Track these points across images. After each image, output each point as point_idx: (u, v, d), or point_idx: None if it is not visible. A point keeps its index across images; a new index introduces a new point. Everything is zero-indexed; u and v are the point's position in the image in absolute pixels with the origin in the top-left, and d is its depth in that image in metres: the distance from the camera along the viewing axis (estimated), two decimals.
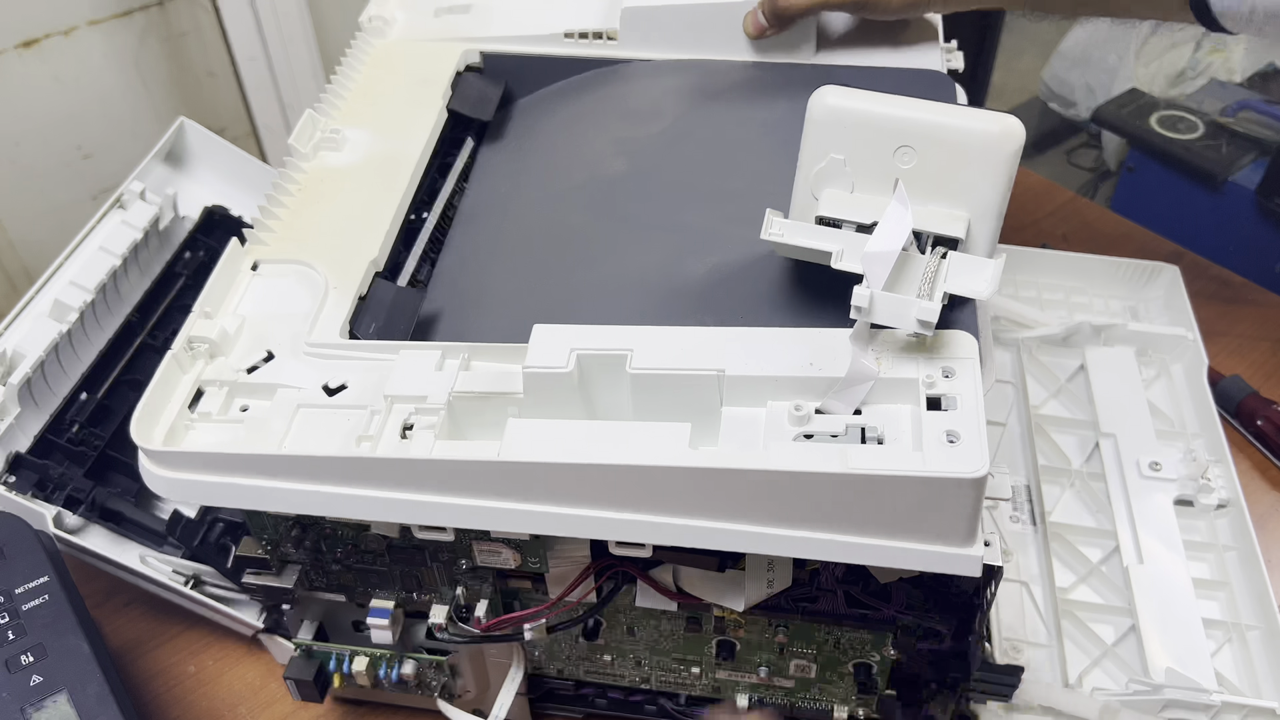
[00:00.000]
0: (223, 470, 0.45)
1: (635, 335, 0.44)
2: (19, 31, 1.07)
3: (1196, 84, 1.47)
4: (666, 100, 0.65)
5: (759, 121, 0.62)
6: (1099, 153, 1.58)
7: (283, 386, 0.47)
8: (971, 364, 0.42)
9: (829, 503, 0.40)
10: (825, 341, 0.44)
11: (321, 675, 0.55)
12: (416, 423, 0.44)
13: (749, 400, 0.44)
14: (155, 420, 0.46)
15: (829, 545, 0.41)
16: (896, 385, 0.42)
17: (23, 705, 0.48)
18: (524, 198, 0.61)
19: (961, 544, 0.41)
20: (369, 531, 0.49)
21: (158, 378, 0.47)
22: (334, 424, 0.46)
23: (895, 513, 0.40)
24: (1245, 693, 0.60)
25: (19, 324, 0.63)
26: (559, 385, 0.44)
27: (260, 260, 0.54)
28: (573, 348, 0.44)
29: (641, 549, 0.45)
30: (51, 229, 1.24)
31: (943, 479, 0.38)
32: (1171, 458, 0.70)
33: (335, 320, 0.50)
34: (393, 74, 0.67)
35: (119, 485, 0.63)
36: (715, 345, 0.44)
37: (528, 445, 0.42)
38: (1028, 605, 0.65)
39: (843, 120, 0.44)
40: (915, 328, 0.41)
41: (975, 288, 0.42)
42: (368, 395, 0.46)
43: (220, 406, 0.47)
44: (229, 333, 0.50)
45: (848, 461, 0.40)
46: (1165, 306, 0.84)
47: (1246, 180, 1.23)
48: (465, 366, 0.46)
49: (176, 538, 0.59)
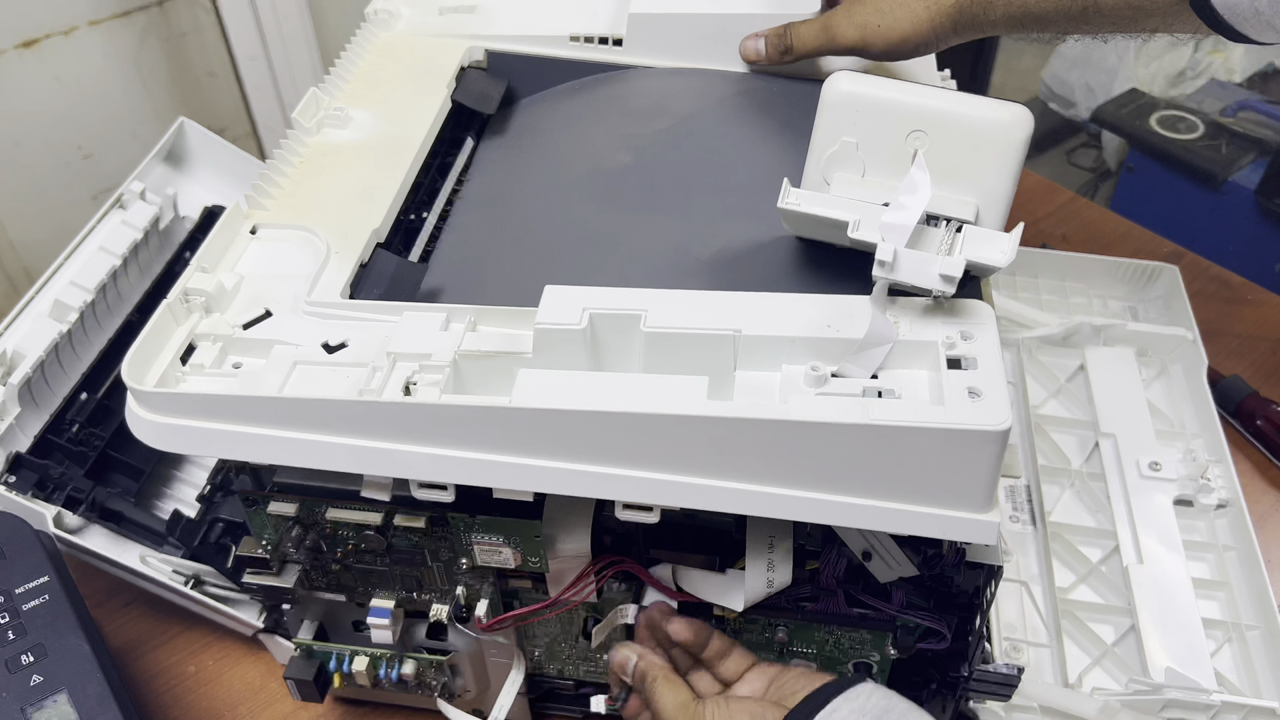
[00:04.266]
0: (216, 416, 0.43)
1: (649, 296, 0.44)
2: (19, 31, 1.07)
3: (1196, 84, 1.47)
4: (671, 103, 0.65)
5: (762, 126, 0.62)
6: (1099, 153, 1.58)
7: (279, 343, 0.46)
8: (990, 328, 0.42)
9: (847, 459, 0.39)
10: (843, 305, 0.43)
11: (321, 675, 0.55)
12: (420, 380, 0.43)
13: (764, 364, 0.43)
14: (147, 367, 0.45)
15: (843, 509, 0.41)
16: (914, 349, 0.42)
17: (23, 705, 0.48)
18: (526, 186, 0.61)
19: (979, 509, 0.40)
20: (369, 532, 0.49)
21: (151, 325, 0.46)
22: (333, 379, 0.44)
23: (914, 471, 0.39)
24: (1245, 693, 0.60)
25: (19, 324, 0.63)
26: (570, 344, 0.43)
27: (260, 225, 0.53)
28: (585, 307, 0.43)
29: (649, 513, 0.44)
30: (51, 229, 1.24)
31: (966, 431, 0.38)
32: (1171, 458, 0.70)
33: (336, 282, 0.49)
34: (397, 63, 0.66)
35: (119, 485, 0.63)
36: (730, 307, 0.43)
37: (540, 393, 0.41)
38: (1028, 605, 0.65)
39: (856, 104, 0.44)
40: (938, 284, 0.41)
41: (993, 256, 0.42)
42: (369, 354, 0.45)
43: (213, 360, 0.46)
44: (226, 288, 0.48)
45: (869, 413, 0.39)
46: (1165, 306, 0.84)
47: (1246, 180, 1.23)
48: (471, 329, 0.45)
49: (176, 538, 0.59)
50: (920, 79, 0.66)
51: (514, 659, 0.56)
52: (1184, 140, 1.29)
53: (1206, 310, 0.83)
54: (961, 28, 0.60)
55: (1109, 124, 1.41)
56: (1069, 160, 1.62)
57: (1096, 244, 0.94)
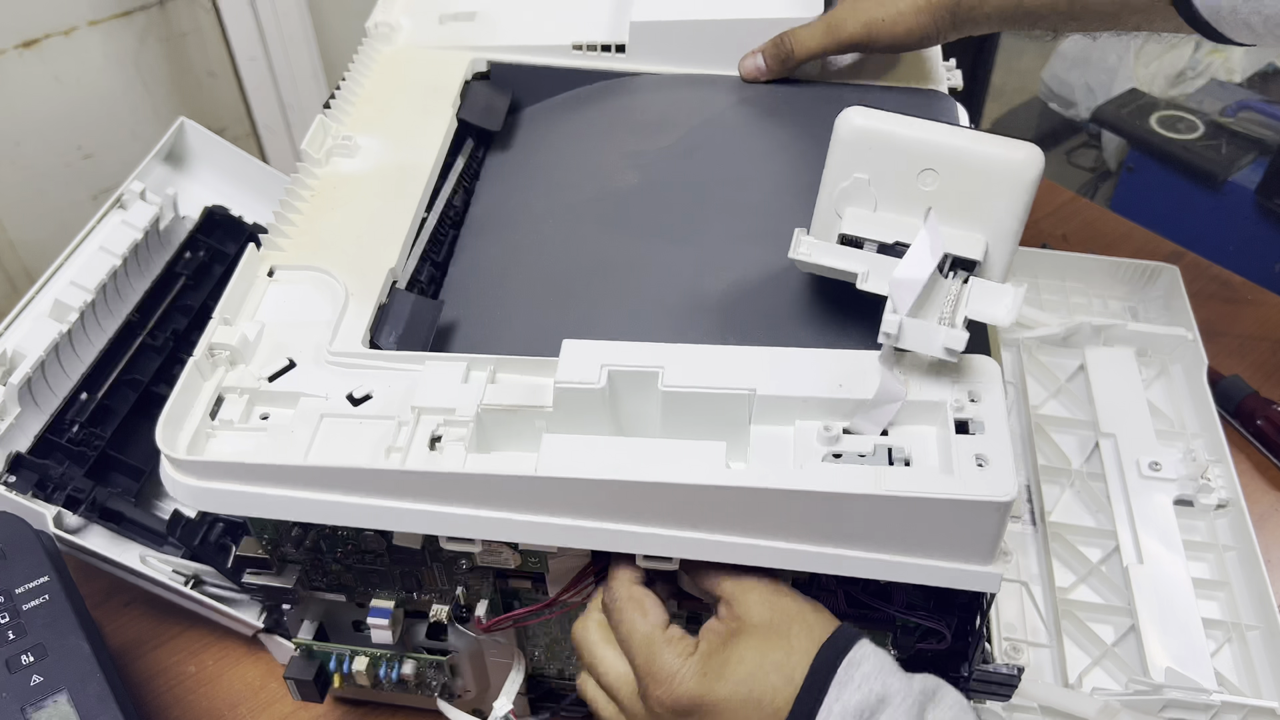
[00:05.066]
0: (250, 480, 0.45)
1: (666, 352, 0.45)
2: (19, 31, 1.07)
3: (1196, 84, 1.47)
4: (676, 113, 0.65)
5: (769, 137, 0.62)
6: (1099, 153, 1.58)
7: (305, 395, 0.47)
8: (995, 388, 0.44)
9: (859, 522, 0.41)
10: (853, 363, 0.45)
11: (321, 675, 0.55)
12: (445, 434, 0.44)
13: (777, 419, 0.44)
14: (179, 428, 0.46)
15: (854, 562, 0.42)
16: (923, 408, 0.43)
17: (23, 705, 0.48)
18: (534, 209, 0.61)
19: (984, 562, 0.42)
20: (369, 532, 0.49)
21: (180, 385, 0.47)
22: (360, 434, 0.46)
23: (923, 532, 0.41)
24: (1245, 693, 0.60)
25: (19, 324, 0.63)
26: (590, 400, 0.44)
27: (277, 266, 0.54)
28: (603, 364, 0.44)
29: (669, 563, 0.46)
30: (51, 229, 1.24)
31: (975, 502, 0.40)
32: (1171, 458, 0.70)
33: (356, 329, 0.50)
34: (402, 81, 0.67)
35: (119, 485, 0.63)
36: (745, 364, 0.45)
37: (564, 461, 0.43)
38: (1028, 605, 0.65)
39: (869, 141, 0.45)
40: (942, 355, 0.42)
41: (995, 314, 0.43)
42: (394, 406, 0.46)
43: (241, 414, 0.47)
44: (249, 339, 0.49)
45: (881, 483, 0.41)
46: (1165, 306, 0.84)
47: (1246, 180, 1.23)
48: (492, 379, 0.47)
49: (176, 538, 0.59)
50: (931, 70, 0.66)
51: (514, 659, 0.56)
52: (1184, 140, 1.29)
53: (1206, 310, 0.83)
54: (960, 22, 0.60)
55: (1109, 124, 1.41)
56: (1069, 160, 1.62)
57: (1096, 244, 0.94)
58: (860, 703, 0.40)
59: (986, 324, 0.44)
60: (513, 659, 0.56)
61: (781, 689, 0.41)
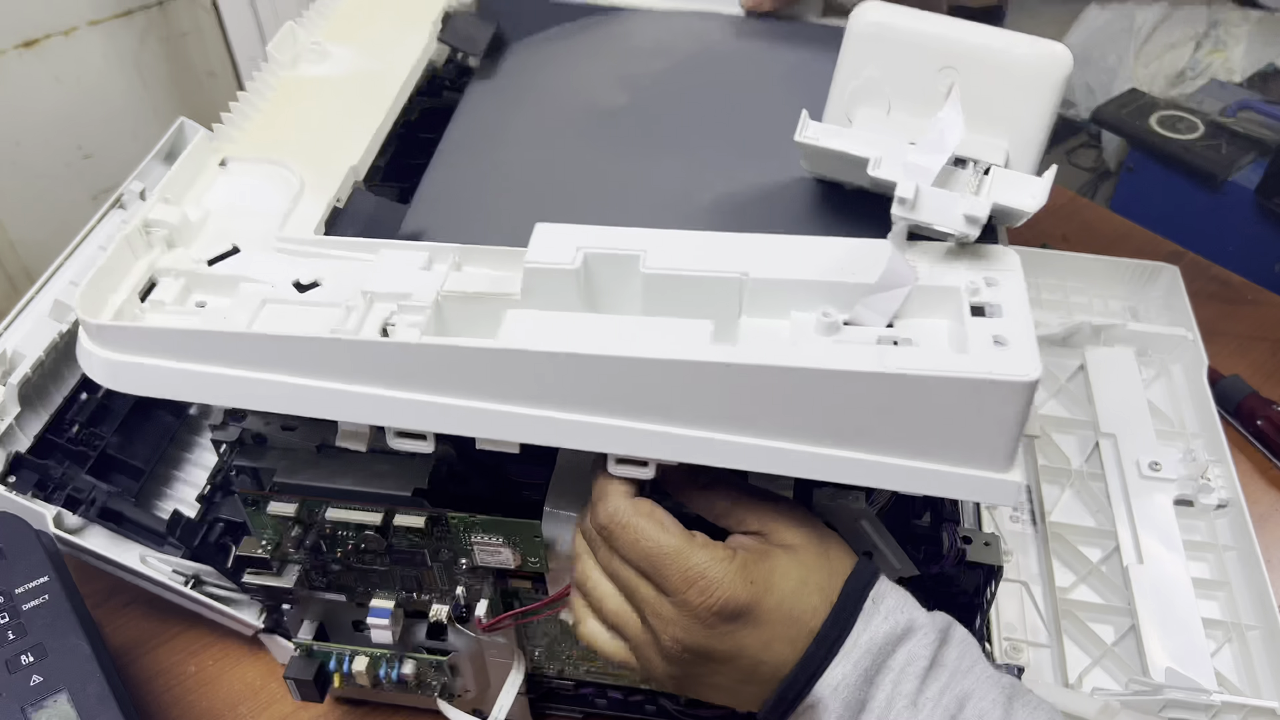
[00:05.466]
0: (178, 354, 0.40)
1: (649, 236, 0.41)
2: (19, 31, 1.06)
3: (1196, 84, 1.47)
4: (670, 45, 0.61)
5: (769, 69, 0.59)
6: (1099, 153, 1.58)
7: (247, 280, 0.43)
8: (1017, 274, 0.39)
9: (858, 411, 0.37)
10: (859, 249, 0.40)
11: (321, 675, 0.55)
12: (399, 321, 0.40)
13: (771, 310, 0.40)
14: (103, 301, 0.42)
15: (854, 466, 0.38)
16: (935, 296, 0.39)
17: (23, 705, 0.48)
18: (517, 127, 0.57)
19: (1001, 468, 0.37)
20: (369, 532, 0.49)
21: (108, 256, 0.42)
22: (305, 319, 0.41)
23: (931, 425, 0.36)
24: (1245, 693, 0.60)
25: (19, 324, 0.63)
26: (561, 285, 0.40)
27: (230, 158, 0.50)
28: (579, 246, 0.40)
29: (644, 468, 0.41)
30: (51, 229, 1.24)
31: (992, 381, 0.35)
32: (1171, 458, 0.70)
33: (310, 218, 0.46)
34: (379, 3, 0.63)
35: (119, 485, 0.63)
36: (737, 248, 0.41)
37: (528, 335, 0.39)
38: (1028, 605, 0.65)
39: (885, 36, 0.42)
40: (962, 226, 0.38)
41: (1022, 200, 0.39)
42: (344, 293, 0.42)
43: (175, 297, 0.43)
44: (191, 222, 0.45)
45: (884, 360, 0.36)
46: (1165, 306, 0.84)
47: (1246, 180, 1.23)
48: (456, 269, 0.42)
49: (176, 538, 0.59)
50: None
51: (514, 659, 0.56)
52: (1184, 140, 1.29)
53: (1206, 310, 0.83)
54: None
55: (1109, 124, 1.41)
56: (1069, 160, 1.62)
57: (1096, 244, 0.94)
58: (889, 632, 0.39)
59: (1000, 230, 0.40)
60: (513, 659, 0.56)
61: (820, 609, 0.40)
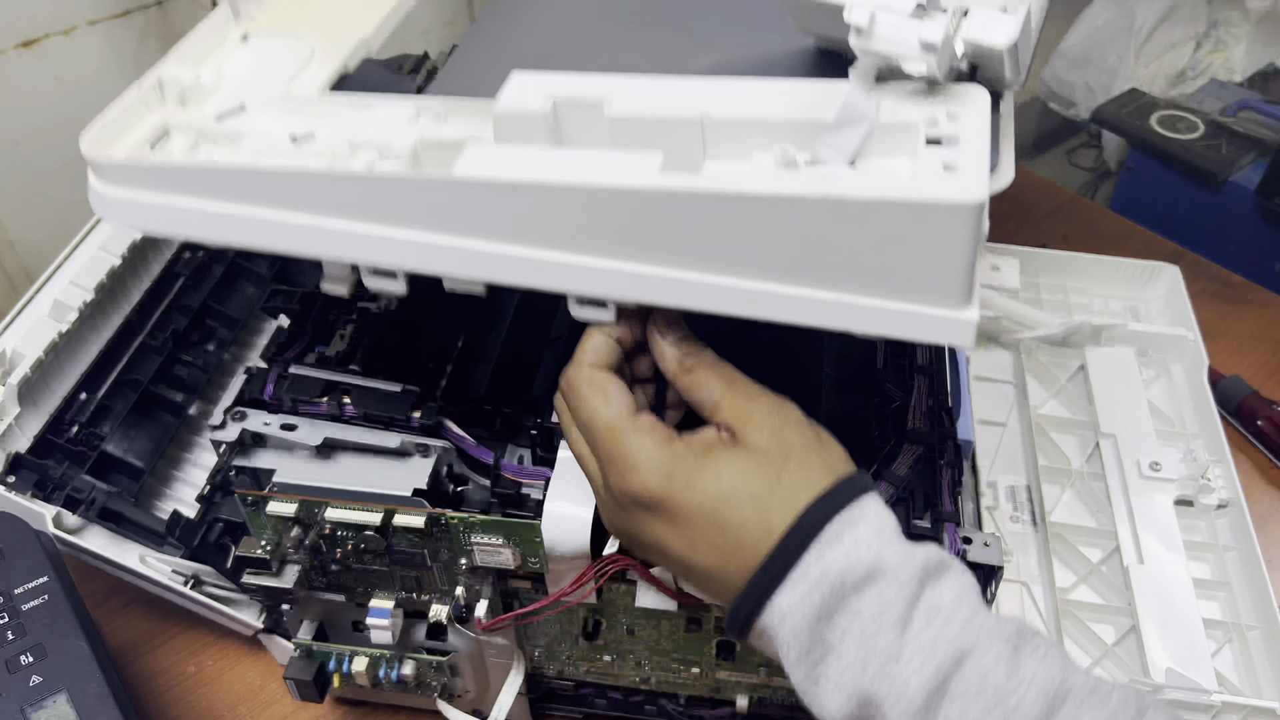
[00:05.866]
0: (179, 189, 0.42)
1: (618, 82, 0.42)
2: (19, 31, 1.06)
3: (1196, 84, 1.47)
4: None
5: None
6: (1099, 153, 1.58)
7: (250, 134, 0.45)
8: (981, 107, 0.38)
9: (804, 242, 0.36)
10: (823, 89, 0.40)
11: (321, 675, 0.55)
12: (377, 167, 0.42)
13: (734, 153, 0.40)
14: (112, 143, 0.44)
15: (803, 304, 0.37)
16: (896, 135, 0.38)
17: (23, 705, 0.48)
18: (538, 14, 0.57)
19: (955, 304, 0.36)
20: (369, 532, 0.49)
21: (121, 103, 0.44)
22: (293, 162, 0.43)
23: (879, 256, 0.36)
24: (1245, 693, 0.60)
25: (19, 324, 0.63)
26: (531, 130, 0.41)
27: (250, 33, 0.51)
28: (549, 93, 0.41)
29: (604, 309, 0.41)
30: (51, 229, 1.24)
31: (933, 204, 0.34)
32: (1172, 458, 0.70)
33: (317, 81, 0.48)
34: None
35: (119, 485, 0.63)
36: (703, 91, 0.41)
37: (483, 165, 0.40)
38: (1028, 605, 0.65)
39: None
40: (918, 54, 0.37)
41: (994, 38, 0.38)
42: (334, 145, 0.44)
43: (183, 149, 0.45)
44: (204, 85, 0.47)
45: (828, 185, 0.35)
46: (1165, 306, 0.84)
47: (1246, 180, 1.22)
48: (440, 121, 0.44)
49: (176, 538, 0.59)
50: None
51: (514, 659, 0.56)
52: (1184, 140, 1.29)
53: (1207, 310, 0.84)
54: None
55: (1109, 124, 1.41)
56: (1069, 160, 1.62)
57: (1096, 244, 0.94)
58: (844, 568, 0.35)
59: None
60: (513, 659, 0.56)
61: (751, 524, 0.37)
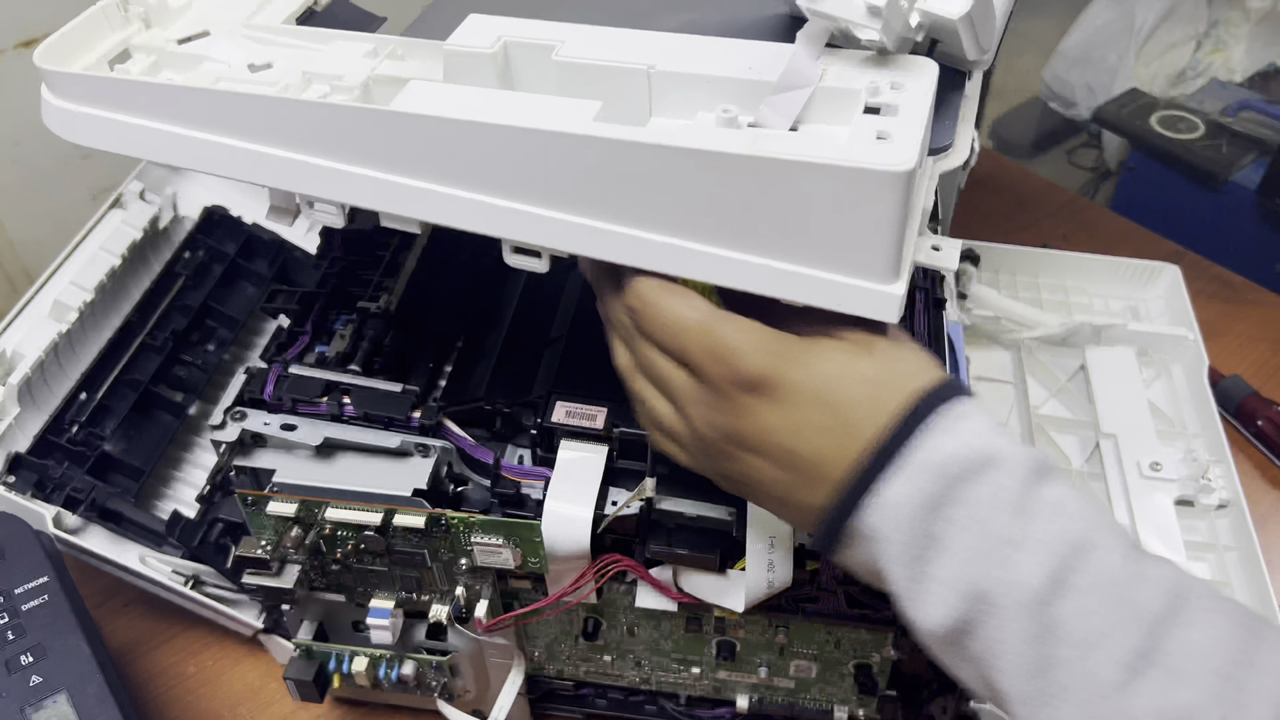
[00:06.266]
0: (129, 108, 0.42)
1: (571, 30, 0.42)
2: (19, 31, 1.06)
3: (1196, 84, 1.46)
4: None
5: None
6: (1099, 153, 1.58)
7: (210, 60, 0.45)
8: (926, 79, 0.38)
9: (730, 200, 0.36)
10: (774, 51, 0.40)
11: (321, 675, 0.55)
12: (328, 100, 0.42)
13: (680, 110, 0.40)
14: (69, 57, 0.44)
15: (732, 266, 0.37)
16: (839, 100, 0.38)
17: (23, 705, 0.48)
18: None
19: (881, 278, 0.35)
20: (369, 532, 0.49)
21: (82, 18, 0.44)
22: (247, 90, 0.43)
23: (806, 222, 0.35)
24: None
25: (19, 324, 0.63)
26: (479, 69, 0.41)
27: None
28: (501, 34, 0.41)
29: (538, 260, 0.41)
30: (51, 229, 1.24)
31: (857, 169, 0.33)
32: (1172, 458, 0.70)
33: (282, 12, 0.48)
34: None
35: (119, 485, 0.63)
36: (655, 45, 0.41)
37: (421, 100, 0.39)
38: None
39: None
40: (864, 18, 0.37)
41: (948, 8, 0.37)
42: (290, 76, 0.44)
43: (143, 70, 0.45)
44: (170, 8, 0.48)
45: (756, 144, 0.35)
46: (1166, 306, 0.84)
47: (1246, 180, 1.22)
48: (397, 58, 0.44)
49: (176, 538, 0.59)
50: None
51: (514, 659, 0.56)
52: (1184, 140, 1.29)
53: (1207, 310, 0.83)
54: None
55: (1109, 124, 1.41)
56: (1069, 160, 1.62)
57: (1097, 244, 0.94)
58: (957, 455, 0.34)
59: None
60: (513, 659, 0.56)
61: (863, 404, 0.35)
